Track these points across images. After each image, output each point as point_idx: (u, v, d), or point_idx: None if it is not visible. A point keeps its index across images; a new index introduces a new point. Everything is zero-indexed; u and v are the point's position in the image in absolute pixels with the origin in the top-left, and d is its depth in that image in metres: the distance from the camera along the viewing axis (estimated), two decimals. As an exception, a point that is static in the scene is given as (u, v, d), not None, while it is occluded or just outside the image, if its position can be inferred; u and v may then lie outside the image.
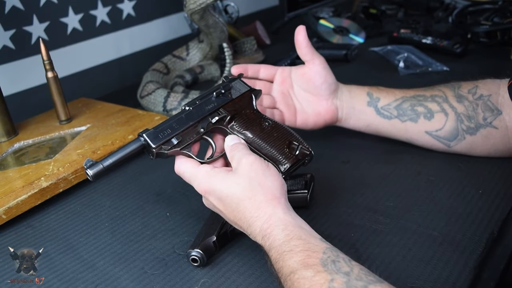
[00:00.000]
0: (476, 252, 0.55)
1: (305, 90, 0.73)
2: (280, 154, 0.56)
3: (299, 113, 0.73)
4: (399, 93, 0.73)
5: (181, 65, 1.17)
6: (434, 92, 0.71)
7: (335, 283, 0.42)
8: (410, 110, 0.71)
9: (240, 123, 0.59)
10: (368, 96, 0.73)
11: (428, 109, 0.70)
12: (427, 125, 0.70)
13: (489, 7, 1.31)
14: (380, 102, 0.72)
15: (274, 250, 0.47)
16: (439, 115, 0.70)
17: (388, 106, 0.72)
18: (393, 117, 0.72)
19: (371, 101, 0.72)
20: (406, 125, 0.71)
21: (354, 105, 0.73)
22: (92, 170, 0.53)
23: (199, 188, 0.55)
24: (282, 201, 0.51)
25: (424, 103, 0.71)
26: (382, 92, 0.73)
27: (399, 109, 0.71)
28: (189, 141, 0.57)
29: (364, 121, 0.74)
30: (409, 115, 0.71)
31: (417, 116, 0.70)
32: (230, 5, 1.31)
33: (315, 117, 0.73)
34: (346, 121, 0.75)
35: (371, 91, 0.73)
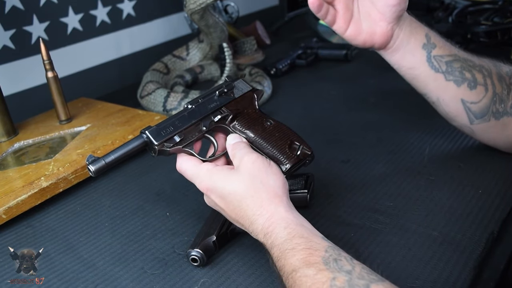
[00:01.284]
0: (476, 252, 0.55)
1: (373, 2, 0.64)
2: (282, 154, 0.57)
3: (353, 23, 0.66)
4: (453, 49, 0.68)
5: (181, 65, 1.17)
6: (482, 62, 0.68)
7: (337, 281, 0.42)
8: (458, 72, 0.67)
9: (242, 122, 0.59)
10: (426, 38, 0.67)
11: (474, 78, 0.67)
12: (467, 94, 0.67)
13: (489, 7, 1.31)
14: (435, 50, 0.67)
15: (276, 248, 0.47)
16: (480, 88, 0.67)
17: (441, 57, 0.67)
18: (440, 71, 0.67)
19: (427, 45, 0.66)
20: (448, 85, 0.67)
21: (410, 40, 0.66)
22: (94, 166, 0.53)
23: (200, 186, 0.54)
24: (284, 199, 0.51)
25: (472, 70, 0.67)
26: (439, 40, 0.68)
27: (448, 66, 0.67)
28: (191, 139, 0.57)
29: (410, 62, 0.68)
30: (456, 76, 0.66)
31: (463, 81, 0.67)
32: (230, 5, 1.31)
33: (368, 35, 0.66)
34: (393, 52, 0.68)
35: (430, 34, 0.67)
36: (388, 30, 0.65)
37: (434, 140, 0.80)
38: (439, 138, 0.80)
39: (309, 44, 1.27)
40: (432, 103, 0.71)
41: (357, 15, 0.66)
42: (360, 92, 1.04)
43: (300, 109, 0.99)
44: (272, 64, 1.17)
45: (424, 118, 0.87)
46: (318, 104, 1.00)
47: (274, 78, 1.13)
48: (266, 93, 1.02)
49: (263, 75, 1.07)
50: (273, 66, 1.17)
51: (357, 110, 0.96)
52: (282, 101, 1.03)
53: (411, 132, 0.83)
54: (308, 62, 1.22)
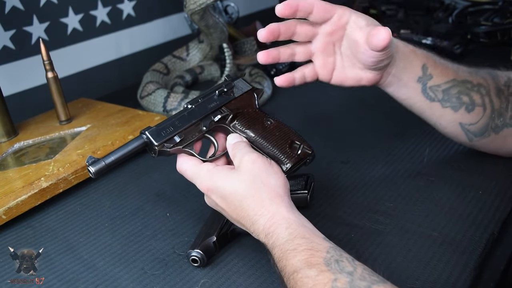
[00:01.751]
0: (476, 253, 0.55)
1: (354, 55, 0.62)
2: (282, 153, 0.56)
3: (337, 72, 0.64)
4: (452, 73, 0.67)
5: (181, 66, 1.17)
6: (480, 80, 0.67)
7: (338, 283, 0.42)
8: (455, 98, 0.66)
9: (242, 121, 0.59)
10: (422, 71, 0.65)
11: (471, 100, 0.66)
12: (464, 117, 0.67)
13: (489, 8, 1.31)
14: (431, 81, 0.65)
15: (277, 249, 0.47)
16: (478, 109, 0.66)
17: (438, 87, 0.66)
18: (436, 100, 0.66)
19: (423, 78, 0.65)
20: (445, 111, 0.67)
21: (402, 77, 0.65)
22: (94, 167, 0.53)
23: (201, 186, 0.54)
24: (286, 199, 0.51)
25: (470, 92, 0.66)
26: (437, 68, 0.66)
27: (445, 93, 0.66)
28: (191, 139, 0.57)
29: (404, 94, 0.67)
30: (452, 102, 0.66)
31: (460, 106, 0.66)
32: (230, 5, 1.31)
33: (354, 81, 0.65)
34: (385, 87, 0.67)
35: (428, 64, 0.65)
36: (375, 76, 0.63)
37: (434, 141, 0.80)
38: (439, 139, 0.80)
39: (309, 44, 1.27)
40: (431, 125, 0.71)
41: (340, 65, 0.64)
42: (360, 92, 1.03)
43: (300, 110, 0.99)
44: (272, 64, 1.17)
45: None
46: (318, 104, 1.00)
47: (274, 78, 1.13)
48: (266, 94, 1.02)
49: (263, 75, 1.07)
50: (273, 66, 1.17)
51: (357, 111, 0.96)
52: (282, 102, 1.03)
53: (411, 133, 0.83)
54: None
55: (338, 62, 0.64)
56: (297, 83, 0.65)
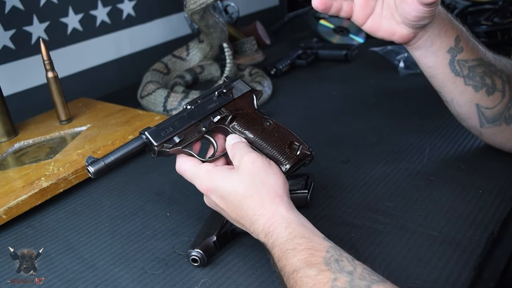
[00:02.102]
0: (476, 252, 0.55)
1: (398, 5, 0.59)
2: (281, 154, 0.56)
3: (372, 18, 0.62)
4: (480, 52, 0.66)
5: (181, 65, 1.17)
6: (502, 66, 0.67)
7: (338, 282, 0.42)
8: (479, 77, 0.65)
9: (241, 122, 0.59)
10: (454, 41, 0.64)
11: (493, 83, 0.66)
12: (483, 99, 0.66)
13: (489, 7, 1.31)
14: (461, 54, 0.64)
15: (277, 248, 0.47)
16: (497, 94, 0.66)
17: (465, 62, 0.65)
18: (460, 75, 0.65)
19: (454, 49, 0.64)
20: (466, 89, 0.65)
21: (435, 41, 0.63)
22: (93, 167, 0.53)
23: (201, 187, 0.54)
24: (285, 199, 0.51)
25: (493, 76, 0.66)
26: (468, 43, 0.65)
27: (471, 70, 0.65)
28: (190, 140, 0.57)
29: (431, 61, 0.65)
30: (476, 81, 0.65)
31: (482, 86, 0.65)
32: (230, 5, 1.31)
33: (387, 33, 0.63)
34: (414, 49, 0.65)
35: (460, 36, 0.64)
36: (409, 34, 0.62)
37: (434, 140, 0.80)
38: (439, 138, 0.80)
39: (309, 44, 1.27)
40: (444, 102, 0.70)
41: (379, 11, 0.62)
42: (360, 92, 1.04)
43: (300, 109, 0.99)
44: (272, 64, 1.17)
45: (424, 119, 0.87)
46: (318, 104, 1.00)
47: (274, 78, 1.13)
48: (266, 93, 1.02)
49: (263, 75, 1.07)
50: (273, 66, 1.17)
51: (357, 110, 0.96)
52: (282, 101, 1.03)
53: (411, 132, 0.83)
54: (308, 62, 1.22)
55: (377, 9, 0.62)
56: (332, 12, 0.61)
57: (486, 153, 0.74)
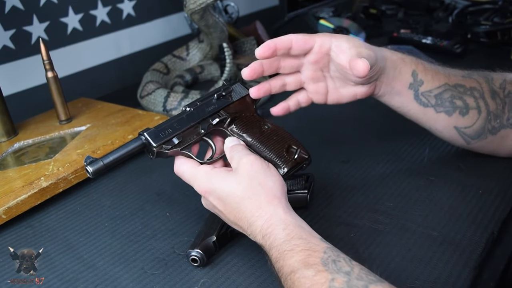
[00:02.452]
0: (476, 252, 0.55)
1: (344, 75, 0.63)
2: (279, 157, 0.57)
3: (331, 93, 0.67)
4: (443, 78, 0.67)
5: (181, 65, 1.17)
6: (473, 84, 0.68)
7: (335, 283, 0.42)
8: (448, 102, 0.66)
9: (240, 125, 0.59)
10: (412, 77, 0.66)
11: (465, 104, 0.66)
12: (459, 121, 0.67)
13: (489, 7, 1.31)
14: (422, 87, 0.66)
15: (275, 250, 0.47)
16: (473, 112, 0.67)
17: (429, 93, 0.66)
18: (429, 106, 0.67)
19: (414, 84, 0.66)
20: (439, 116, 0.67)
21: (394, 85, 0.66)
22: (92, 166, 0.53)
23: (199, 188, 0.54)
24: (283, 201, 0.51)
25: (463, 96, 0.66)
26: (427, 74, 0.67)
27: (438, 98, 0.66)
28: (189, 142, 0.57)
29: (398, 101, 0.68)
30: (446, 107, 0.66)
31: (454, 110, 0.67)
32: (230, 5, 1.31)
33: (350, 98, 0.66)
34: (380, 97, 0.68)
35: (417, 70, 0.66)
36: (368, 89, 0.65)
37: (434, 140, 0.80)
38: (439, 138, 0.80)
39: (309, 44, 1.27)
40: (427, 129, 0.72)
41: (333, 86, 0.66)
42: (360, 92, 1.04)
43: (300, 110, 0.98)
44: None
45: (424, 118, 0.87)
46: (318, 104, 1.00)
47: (274, 78, 1.13)
48: (266, 93, 1.02)
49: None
50: (273, 66, 1.17)
51: (357, 110, 0.95)
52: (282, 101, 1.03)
53: (411, 133, 0.83)
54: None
55: (330, 85, 0.66)
56: (292, 109, 0.68)
57: (485, 154, 0.74)
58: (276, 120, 0.61)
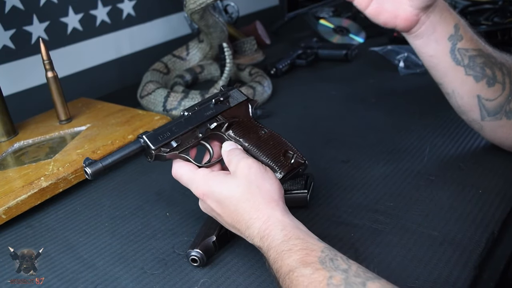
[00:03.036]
0: (476, 252, 0.55)
1: None
2: (276, 162, 0.57)
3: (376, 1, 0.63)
4: (479, 43, 0.66)
5: (181, 65, 1.17)
6: (503, 60, 0.67)
7: (333, 280, 0.42)
8: (479, 67, 0.65)
9: (237, 130, 0.60)
10: (454, 29, 0.64)
11: (494, 75, 0.65)
12: (484, 91, 0.66)
13: (489, 7, 1.31)
14: (461, 42, 0.64)
15: (273, 250, 0.47)
16: (498, 86, 0.65)
17: (466, 51, 0.64)
18: (461, 65, 0.65)
19: (454, 36, 0.64)
20: (467, 79, 0.65)
21: (436, 28, 0.64)
22: (91, 168, 0.53)
23: (197, 191, 0.55)
24: (281, 203, 0.52)
25: (493, 67, 0.65)
26: (467, 32, 0.65)
27: (471, 60, 0.65)
28: (187, 145, 0.58)
29: (433, 50, 0.65)
30: (476, 71, 0.65)
31: (482, 77, 0.65)
32: (230, 5, 1.31)
33: (391, 16, 0.63)
34: (416, 37, 0.65)
35: (459, 25, 0.64)
36: (413, 16, 0.62)
37: (434, 140, 0.80)
38: (439, 138, 0.80)
39: (309, 44, 1.27)
40: (445, 94, 0.70)
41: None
42: (360, 92, 1.04)
43: (300, 109, 0.99)
44: (272, 64, 1.17)
45: (424, 118, 0.87)
46: (318, 104, 1.00)
47: (274, 78, 1.13)
48: (266, 93, 1.02)
49: (263, 75, 1.07)
50: (273, 66, 1.17)
51: (357, 110, 0.96)
52: (282, 101, 1.03)
53: (411, 132, 0.83)
54: (308, 62, 1.22)
55: None
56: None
57: (486, 153, 0.74)
58: (277, 120, 0.61)
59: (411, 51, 1.17)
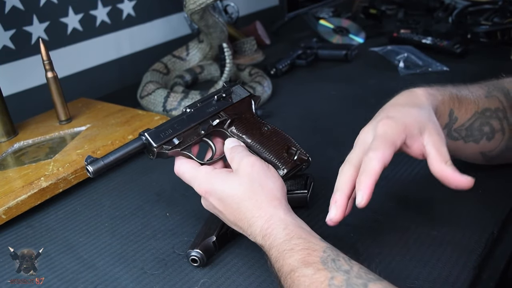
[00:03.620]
0: (476, 252, 0.55)
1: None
2: (279, 159, 0.57)
3: None
4: (473, 107, 0.64)
5: (181, 65, 1.17)
6: (496, 104, 0.66)
7: (335, 281, 0.42)
8: (477, 130, 0.65)
9: (240, 127, 0.59)
10: (448, 117, 0.63)
11: (491, 128, 0.65)
12: (486, 146, 0.66)
13: (489, 7, 1.31)
14: (456, 123, 0.64)
15: (275, 249, 0.47)
16: (498, 135, 0.66)
17: (461, 127, 0.64)
18: (460, 139, 0.65)
19: (449, 123, 0.64)
20: (468, 145, 0.66)
21: None
22: (92, 166, 0.53)
23: (199, 189, 0.55)
24: (283, 202, 0.52)
25: (490, 120, 0.65)
26: (461, 108, 0.64)
27: (468, 130, 0.65)
28: (189, 142, 0.57)
29: None
30: (475, 136, 0.65)
31: (481, 137, 0.65)
32: (230, 5, 1.31)
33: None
34: None
35: (454, 108, 0.63)
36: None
37: (434, 140, 0.80)
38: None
39: (309, 44, 1.27)
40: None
41: None
42: (360, 92, 1.04)
43: (300, 109, 0.99)
44: (272, 64, 1.17)
45: (424, 118, 0.87)
46: (318, 104, 1.00)
47: (274, 78, 1.13)
48: (266, 93, 1.02)
49: (263, 75, 1.07)
50: (273, 66, 1.17)
51: (357, 110, 0.96)
52: (282, 101, 1.03)
53: (411, 132, 0.83)
54: (308, 62, 1.22)
55: None
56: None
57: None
58: (277, 120, 0.61)
59: (411, 52, 1.17)
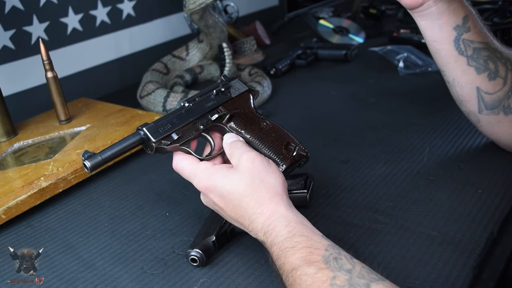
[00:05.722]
0: (476, 252, 0.55)
1: None
2: (278, 154, 0.56)
3: None
4: (487, 37, 0.66)
5: (180, 65, 1.17)
6: (509, 55, 0.67)
7: (337, 280, 0.42)
8: (483, 60, 0.65)
9: (239, 122, 0.59)
10: (462, 20, 0.64)
11: (496, 69, 0.66)
12: (484, 83, 0.66)
13: (489, 7, 1.31)
14: (467, 34, 0.65)
15: (276, 247, 0.47)
16: (499, 81, 0.66)
17: (471, 42, 0.65)
18: (464, 55, 0.65)
19: (460, 27, 0.64)
20: (468, 69, 0.66)
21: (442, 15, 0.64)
22: (90, 161, 0.52)
23: (199, 185, 0.54)
24: (284, 197, 0.51)
25: (497, 61, 0.66)
26: (476, 25, 0.65)
27: (475, 52, 0.65)
28: (188, 137, 0.56)
29: (436, 34, 0.66)
30: (479, 63, 0.65)
31: (484, 70, 0.65)
32: (230, 5, 1.31)
33: None
34: (420, 17, 0.65)
35: (469, 17, 0.65)
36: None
37: (434, 140, 0.80)
38: (439, 138, 0.80)
39: (309, 44, 1.27)
40: (446, 82, 0.70)
41: None
42: (360, 92, 1.04)
43: (300, 109, 0.99)
44: (272, 64, 1.17)
45: (423, 118, 0.87)
46: (318, 104, 1.00)
47: (274, 78, 1.13)
48: (266, 93, 1.02)
49: (262, 75, 1.07)
50: (273, 66, 1.17)
51: (357, 110, 0.96)
52: (282, 101, 1.03)
53: (411, 132, 0.83)
54: (308, 62, 1.22)
55: None
56: None
57: (486, 153, 0.74)
58: (277, 121, 0.61)
59: (411, 51, 1.17)
